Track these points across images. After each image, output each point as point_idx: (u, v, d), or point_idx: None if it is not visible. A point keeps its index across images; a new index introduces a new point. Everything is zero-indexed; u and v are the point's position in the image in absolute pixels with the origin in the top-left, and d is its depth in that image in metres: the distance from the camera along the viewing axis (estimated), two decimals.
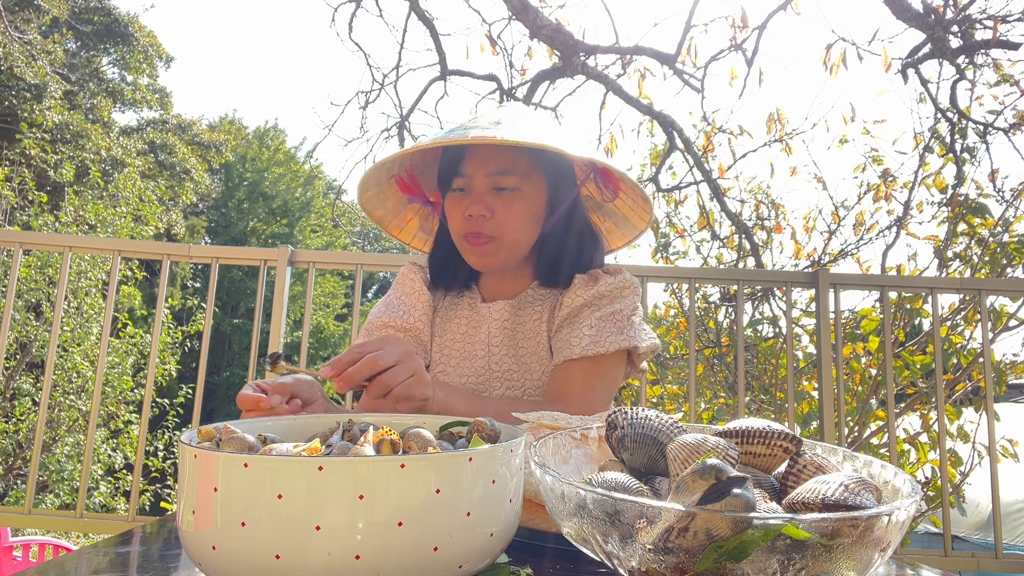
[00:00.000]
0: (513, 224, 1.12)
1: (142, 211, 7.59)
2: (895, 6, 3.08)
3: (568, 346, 1.09)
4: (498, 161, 1.11)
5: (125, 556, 0.65)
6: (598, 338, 1.08)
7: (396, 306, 1.21)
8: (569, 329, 1.11)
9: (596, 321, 1.10)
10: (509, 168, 1.11)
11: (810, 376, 3.11)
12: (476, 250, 1.13)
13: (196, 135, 17.29)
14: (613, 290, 1.13)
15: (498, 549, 0.54)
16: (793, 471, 0.59)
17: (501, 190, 1.12)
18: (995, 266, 3.12)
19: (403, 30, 3.98)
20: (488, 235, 1.11)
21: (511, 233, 1.12)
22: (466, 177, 1.13)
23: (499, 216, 1.11)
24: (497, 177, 1.11)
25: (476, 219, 1.11)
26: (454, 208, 1.14)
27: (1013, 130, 3.26)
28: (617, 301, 1.13)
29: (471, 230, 1.12)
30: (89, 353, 5.98)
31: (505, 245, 1.13)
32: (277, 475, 0.46)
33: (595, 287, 1.13)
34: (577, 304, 1.13)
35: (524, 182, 1.12)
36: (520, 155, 1.12)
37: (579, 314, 1.12)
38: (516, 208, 1.12)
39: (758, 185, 3.85)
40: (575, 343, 1.08)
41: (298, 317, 14.43)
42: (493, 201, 1.11)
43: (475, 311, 1.21)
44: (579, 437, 0.70)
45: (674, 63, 3.50)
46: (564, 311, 1.14)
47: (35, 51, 11.39)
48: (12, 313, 2.61)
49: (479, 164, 1.12)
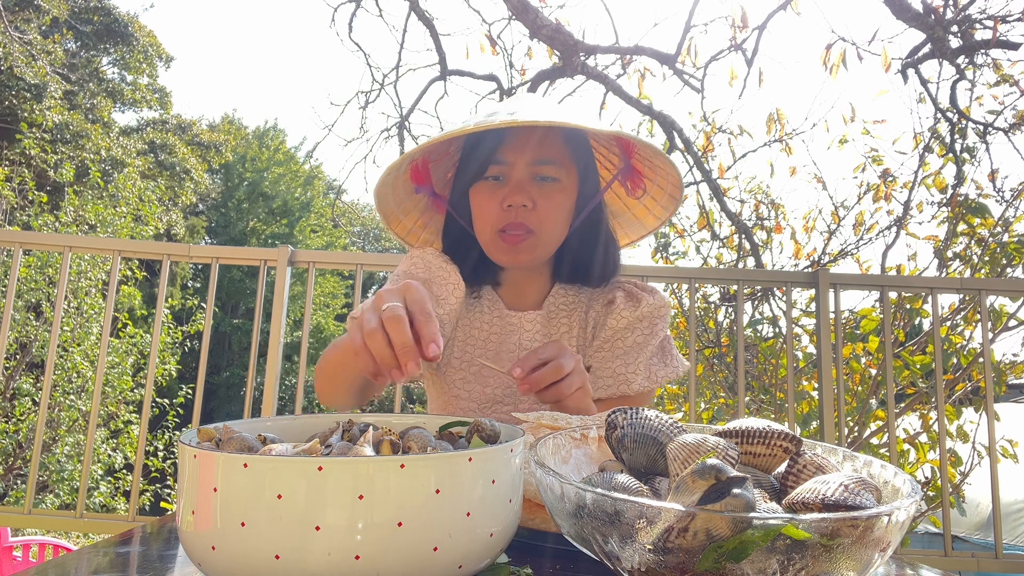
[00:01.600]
0: (554, 217, 1.06)
1: (142, 211, 7.59)
2: (895, 6, 3.08)
3: (625, 382, 1.09)
4: (540, 149, 1.05)
5: (125, 556, 0.65)
6: (650, 374, 1.09)
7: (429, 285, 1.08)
8: (623, 363, 1.10)
9: (647, 356, 1.10)
10: (551, 157, 1.05)
11: (810, 376, 3.11)
12: (511, 246, 1.05)
13: (196, 135, 17.29)
14: (654, 311, 1.12)
15: (498, 549, 0.54)
16: (793, 471, 0.59)
17: (543, 180, 1.05)
18: (995, 266, 3.12)
19: (403, 30, 3.98)
20: (528, 228, 1.04)
21: (551, 226, 1.06)
22: (504, 165, 1.05)
23: (541, 207, 1.04)
24: (539, 166, 1.05)
25: (516, 209, 1.03)
26: (488, 198, 1.06)
27: (1013, 130, 3.26)
28: (658, 325, 1.13)
29: (510, 221, 1.04)
30: (89, 353, 5.98)
31: (542, 240, 1.06)
32: (277, 475, 0.46)
33: (638, 308, 1.11)
34: (621, 326, 1.11)
35: (563, 172, 1.06)
36: (560, 144, 1.07)
37: (623, 338, 1.11)
38: (558, 200, 1.06)
39: (758, 185, 3.85)
40: (632, 380, 1.08)
41: (298, 317, 14.44)
42: (535, 191, 1.04)
43: (502, 319, 1.15)
44: (579, 437, 0.70)
45: (674, 63, 3.50)
46: (608, 331, 1.11)
47: (35, 51, 11.39)
48: (12, 313, 2.61)
49: (520, 151, 1.04)
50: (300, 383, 2.20)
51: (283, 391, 11.11)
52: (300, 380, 2.20)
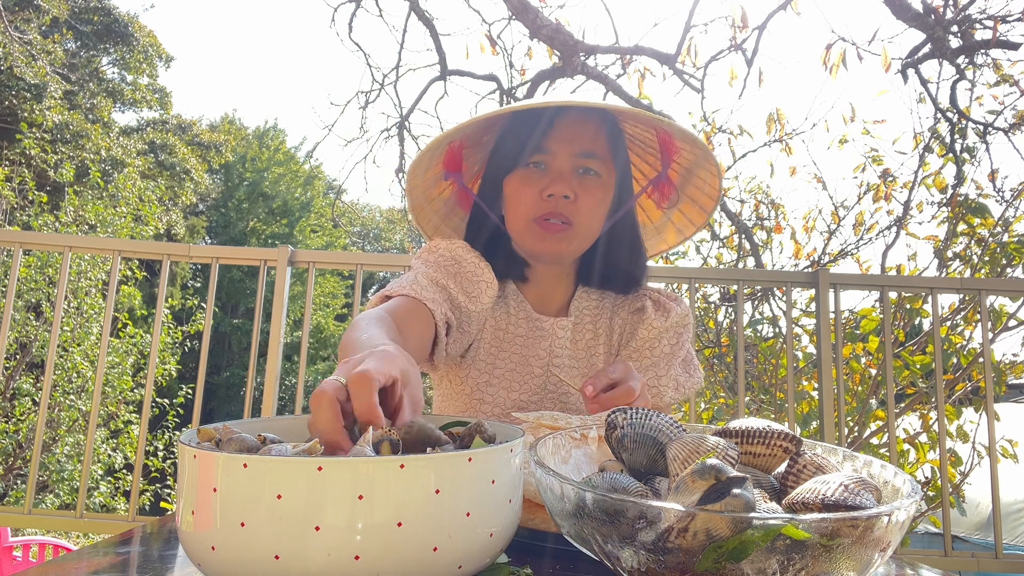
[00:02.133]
0: (593, 211, 1.04)
1: (142, 211, 7.59)
2: (895, 6, 3.08)
3: (658, 394, 1.11)
4: (584, 142, 1.03)
5: (125, 556, 0.65)
6: (678, 386, 1.12)
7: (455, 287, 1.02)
8: (654, 373, 1.11)
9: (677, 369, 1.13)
10: (595, 152, 1.04)
11: (810, 376, 3.11)
12: (550, 235, 1.03)
13: (196, 135, 17.29)
14: (680, 320, 1.13)
15: (498, 549, 0.54)
16: (793, 471, 0.59)
17: (585, 172, 1.04)
18: (995, 266, 3.12)
19: (403, 30, 3.98)
20: (567, 218, 1.02)
21: (588, 221, 1.05)
22: (548, 154, 1.03)
23: (581, 200, 1.03)
24: (583, 159, 1.03)
25: (557, 199, 1.02)
26: (527, 185, 1.04)
27: (1013, 130, 3.26)
28: (685, 335, 1.14)
29: (549, 211, 1.02)
30: (89, 353, 5.98)
31: (579, 233, 1.04)
32: (276, 475, 0.46)
33: (668, 318, 1.12)
34: (652, 336, 1.12)
35: (604, 169, 1.05)
36: (603, 140, 1.06)
37: (652, 348, 1.12)
38: (598, 195, 1.04)
39: (758, 185, 3.86)
40: (664, 392, 1.11)
41: (298, 317, 14.43)
42: (577, 184, 1.03)
43: (531, 322, 1.12)
44: (579, 437, 0.70)
45: (674, 63, 3.50)
46: (638, 341, 1.12)
47: (35, 51, 11.39)
48: (12, 313, 2.61)
49: (565, 141, 1.03)
50: (300, 383, 2.20)
51: (283, 391, 11.10)
52: (300, 380, 2.20)
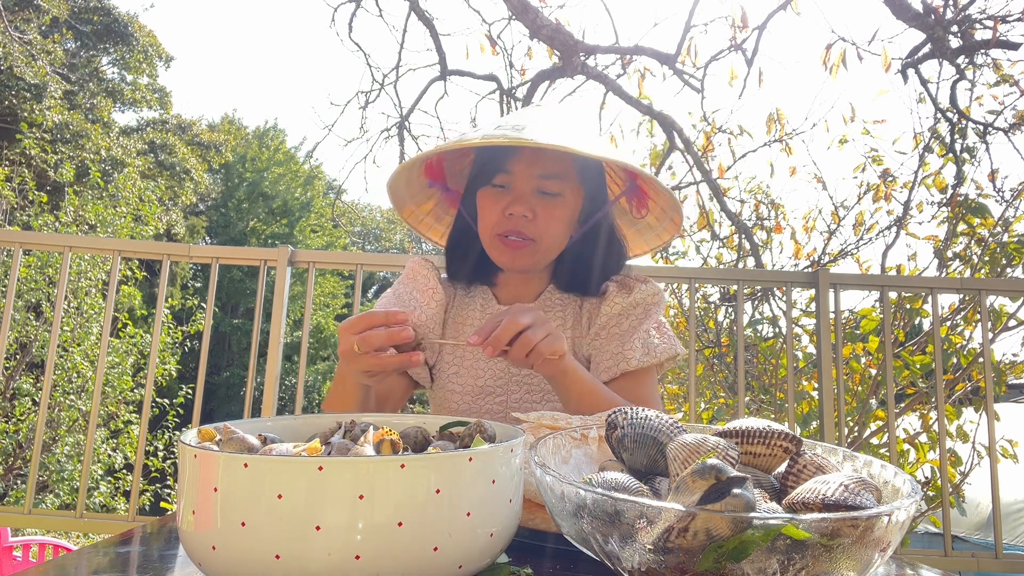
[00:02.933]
0: (553, 229, 1.12)
1: (142, 211, 7.59)
2: (895, 6, 3.08)
3: (623, 359, 1.11)
4: (545, 164, 1.10)
5: (125, 556, 0.65)
6: (647, 349, 1.11)
7: (407, 300, 1.18)
8: (619, 342, 1.12)
9: (643, 333, 1.12)
10: (556, 172, 1.11)
11: (810, 376, 3.11)
12: (511, 251, 1.11)
13: (196, 135, 17.29)
14: (647, 298, 1.15)
15: (498, 549, 0.54)
16: (793, 471, 0.59)
17: (545, 194, 1.11)
18: (995, 266, 3.12)
19: (403, 30, 3.98)
20: (527, 236, 1.10)
21: (549, 238, 1.12)
22: (510, 175, 1.11)
23: (540, 219, 1.10)
24: (543, 180, 1.10)
25: (517, 219, 1.09)
26: (492, 204, 1.12)
27: (1013, 130, 3.26)
28: (652, 310, 1.15)
29: (510, 229, 1.10)
30: (89, 353, 5.98)
31: (541, 249, 1.12)
32: (277, 475, 0.46)
33: (630, 296, 1.15)
34: (615, 312, 1.14)
35: (566, 188, 1.12)
36: (567, 161, 1.12)
37: (618, 323, 1.14)
38: (558, 214, 1.11)
39: (758, 185, 3.85)
40: (630, 355, 1.10)
41: (298, 317, 14.43)
42: (536, 203, 1.10)
43: (490, 314, 1.20)
44: (579, 437, 0.70)
45: (674, 63, 3.50)
46: (602, 319, 1.15)
47: (35, 51, 11.39)
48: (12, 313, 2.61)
49: (526, 164, 1.10)
50: (300, 383, 2.20)
51: (283, 391, 11.09)
52: (300, 380, 2.20)
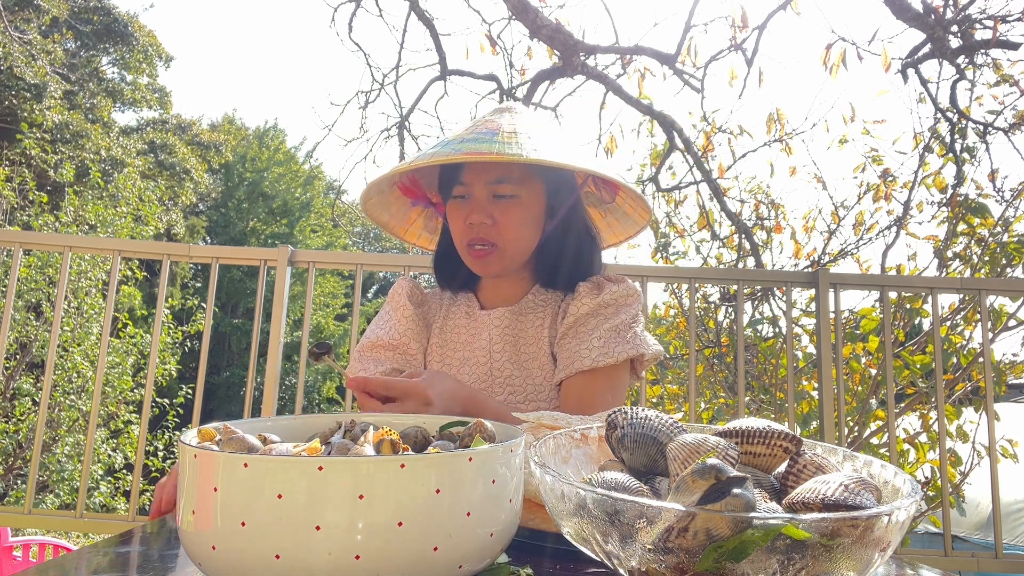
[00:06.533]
0: (513, 231, 1.14)
1: (142, 211, 7.59)
2: (895, 6, 3.08)
3: (578, 358, 1.09)
4: (496, 170, 1.12)
5: (125, 556, 0.65)
6: (606, 348, 1.09)
7: (384, 324, 1.23)
8: (577, 340, 1.12)
9: (604, 332, 1.10)
10: (507, 176, 1.12)
11: (810, 376, 3.11)
12: (478, 260, 1.15)
13: (196, 135, 17.28)
14: (617, 298, 1.14)
15: (498, 549, 0.54)
16: (793, 471, 0.59)
17: (500, 197, 1.13)
18: (995, 266, 3.12)
19: (403, 30, 3.98)
20: (490, 242, 1.13)
21: (512, 240, 1.14)
22: (465, 185, 1.14)
23: (500, 223, 1.13)
24: (496, 185, 1.13)
25: (477, 226, 1.12)
26: (455, 216, 1.16)
27: (1013, 130, 3.26)
28: (622, 310, 1.14)
29: (473, 237, 1.13)
30: (89, 353, 5.98)
31: (507, 252, 1.14)
32: (277, 475, 0.46)
33: (600, 295, 1.14)
34: (583, 312, 1.13)
35: (522, 188, 1.14)
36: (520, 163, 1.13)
37: (585, 323, 1.13)
38: (515, 215, 1.13)
39: (758, 185, 3.85)
40: (585, 354, 1.09)
41: (298, 317, 14.42)
42: (493, 208, 1.13)
43: (473, 319, 1.22)
44: (579, 437, 0.70)
45: (674, 63, 3.50)
46: (569, 319, 1.14)
47: (35, 51, 11.39)
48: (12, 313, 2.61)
49: (478, 173, 1.13)
50: (300, 383, 2.20)
51: (283, 391, 11.10)
52: (300, 380, 2.20)
